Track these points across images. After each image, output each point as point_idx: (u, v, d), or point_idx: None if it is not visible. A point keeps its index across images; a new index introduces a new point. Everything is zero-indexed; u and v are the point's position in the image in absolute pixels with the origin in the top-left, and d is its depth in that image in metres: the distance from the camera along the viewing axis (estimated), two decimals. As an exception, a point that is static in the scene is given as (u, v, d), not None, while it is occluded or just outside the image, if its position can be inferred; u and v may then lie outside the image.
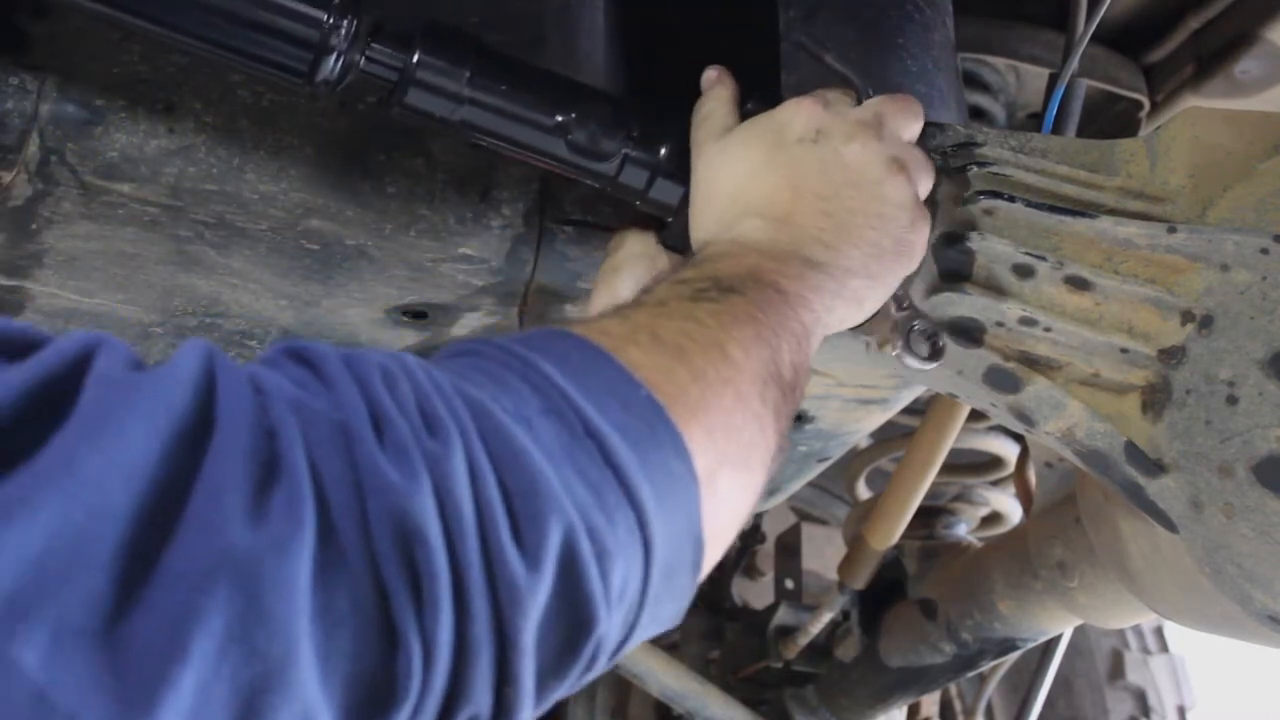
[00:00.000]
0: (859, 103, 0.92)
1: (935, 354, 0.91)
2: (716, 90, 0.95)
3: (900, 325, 0.91)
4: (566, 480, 0.53)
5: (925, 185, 0.90)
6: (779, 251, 0.80)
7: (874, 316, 0.94)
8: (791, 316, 0.75)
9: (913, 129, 0.91)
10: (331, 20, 0.84)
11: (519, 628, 0.50)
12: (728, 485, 0.64)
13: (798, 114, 0.88)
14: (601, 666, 0.56)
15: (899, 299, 0.92)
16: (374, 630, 0.46)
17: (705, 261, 0.79)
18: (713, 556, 0.65)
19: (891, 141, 0.88)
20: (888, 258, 0.85)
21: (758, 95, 0.95)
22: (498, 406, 0.54)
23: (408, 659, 0.46)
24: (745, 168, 0.87)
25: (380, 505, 0.47)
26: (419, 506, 0.48)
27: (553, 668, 0.53)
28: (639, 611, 0.57)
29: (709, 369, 0.66)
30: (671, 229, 0.96)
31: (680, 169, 0.94)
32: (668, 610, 0.61)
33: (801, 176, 0.85)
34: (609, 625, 0.54)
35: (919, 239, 0.87)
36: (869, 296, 0.85)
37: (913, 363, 0.90)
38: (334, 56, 0.85)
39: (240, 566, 0.43)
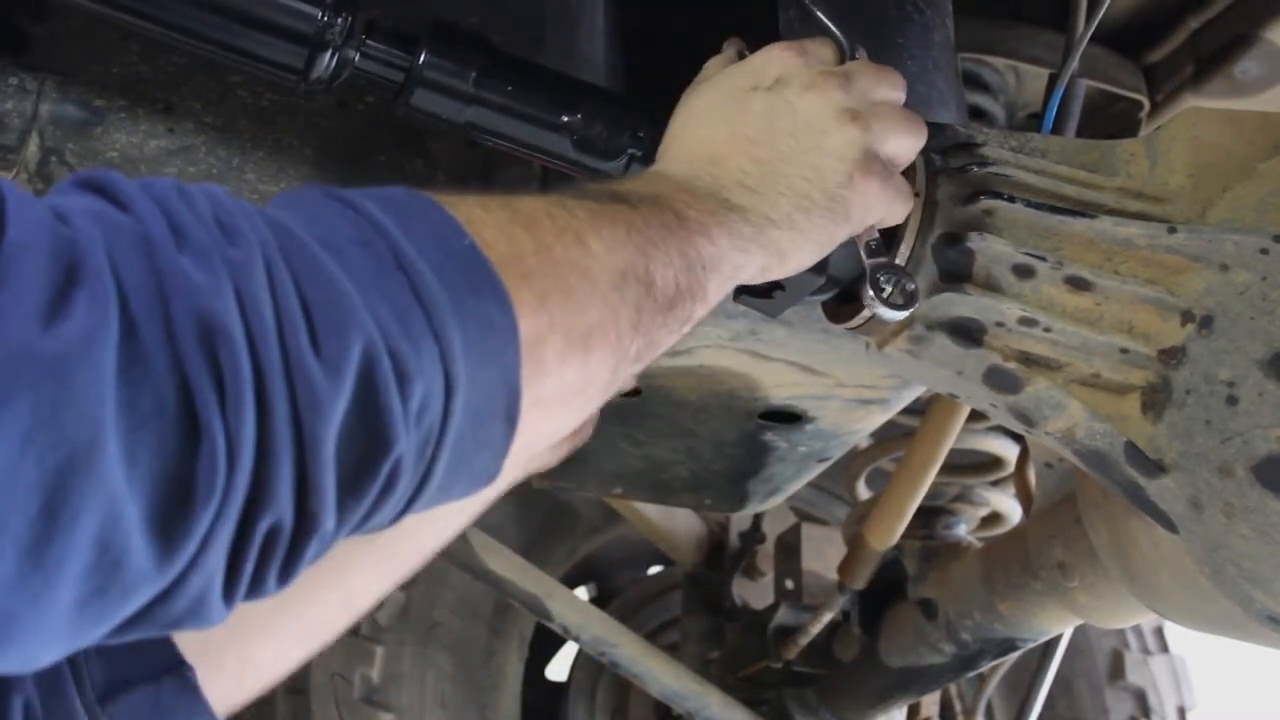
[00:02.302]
0: (841, 61, 0.91)
1: (908, 301, 0.89)
2: (725, 50, 0.96)
3: (870, 272, 0.89)
4: (371, 302, 0.53)
5: (895, 147, 0.87)
6: (695, 188, 0.78)
7: (870, 319, 0.94)
8: (684, 239, 0.74)
9: (886, 94, 0.89)
10: (326, 17, 0.84)
11: (318, 433, 0.50)
12: (558, 354, 0.64)
13: (767, 61, 0.87)
14: (400, 494, 0.56)
15: (871, 246, 0.89)
16: (178, 426, 0.47)
17: (614, 181, 0.78)
18: (541, 427, 0.65)
19: (856, 97, 0.86)
20: (817, 212, 0.82)
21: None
22: (302, 230, 0.55)
23: (212, 455, 0.47)
24: (698, 109, 0.86)
25: (183, 304, 0.48)
26: (221, 305, 0.49)
27: (351, 483, 0.53)
28: (439, 444, 0.56)
29: (557, 245, 0.65)
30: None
31: None
32: (478, 463, 0.60)
33: (742, 120, 0.83)
34: (407, 445, 0.54)
35: (858, 197, 0.84)
36: (792, 250, 0.82)
37: (883, 311, 0.88)
38: (329, 53, 0.85)
39: (45, 359, 0.43)
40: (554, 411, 0.66)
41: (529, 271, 0.63)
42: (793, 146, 0.82)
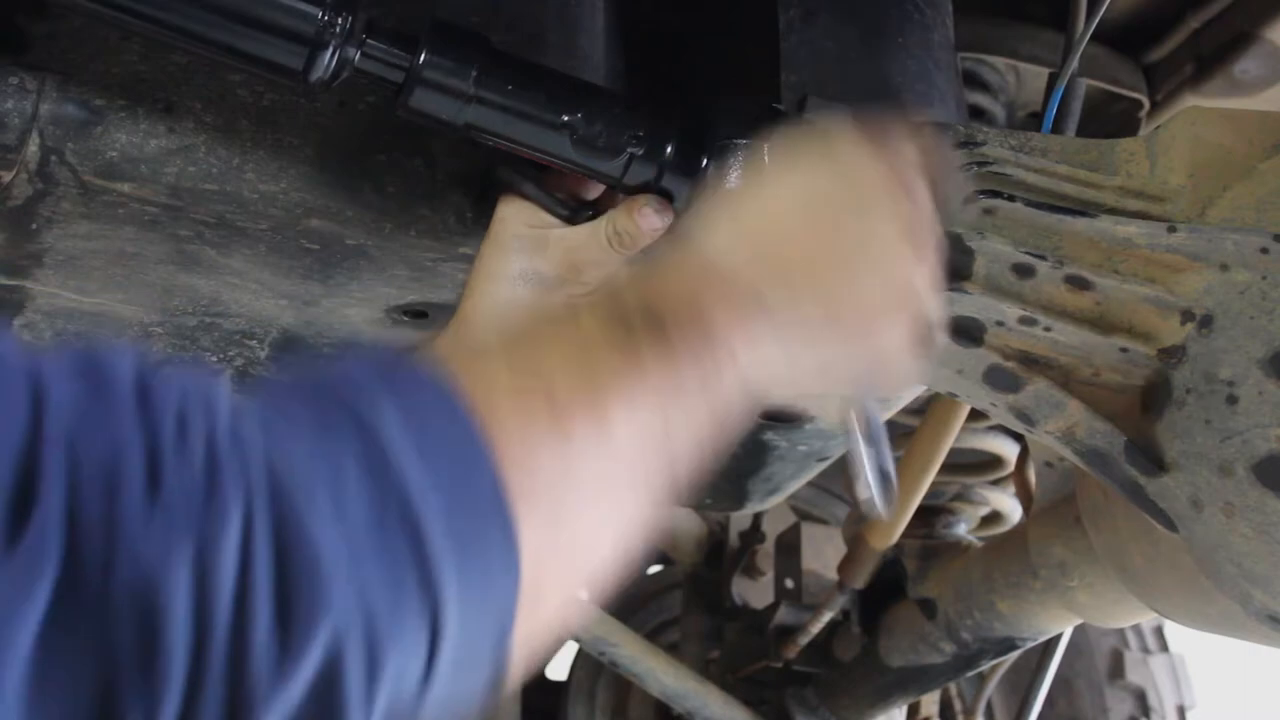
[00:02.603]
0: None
1: (891, 502, 0.86)
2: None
3: (869, 465, 0.85)
4: (359, 567, 0.48)
5: (936, 314, 0.79)
6: (730, 278, 0.70)
7: None
8: (712, 374, 0.67)
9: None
10: (326, 17, 0.85)
11: None
12: (557, 582, 0.59)
13: (865, 174, 0.77)
14: None
15: (868, 429, 0.84)
16: (91, 705, 0.42)
17: (653, 273, 0.71)
18: (526, 655, 0.59)
19: (919, 208, 0.78)
20: (846, 336, 0.74)
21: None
22: (304, 468, 0.49)
23: None
24: (785, 198, 0.77)
25: (128, 570, 0.43)
26: (170, 581, 0.43)
27: None
28: (412, 707, 0.52)
29: (578, 440, 0.59)
30: (675, 227, 0.96)
31: (686, 167, 0.94)
32: (456, 704, 0.56)
33: (808, 211, 0.75)
34: None
35: (891, 338, 0.76)
36: (802, 370, 0.74)
37: (873, 509, 0.86)
38: (329, 53, 0.85)
39: None
40: (546, 637, 0.61)
41: (543, 492, 0.57)
42: (849, 255, 0.75)
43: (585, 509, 0.60)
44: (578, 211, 0.98)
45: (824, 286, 0.73)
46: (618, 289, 0.69)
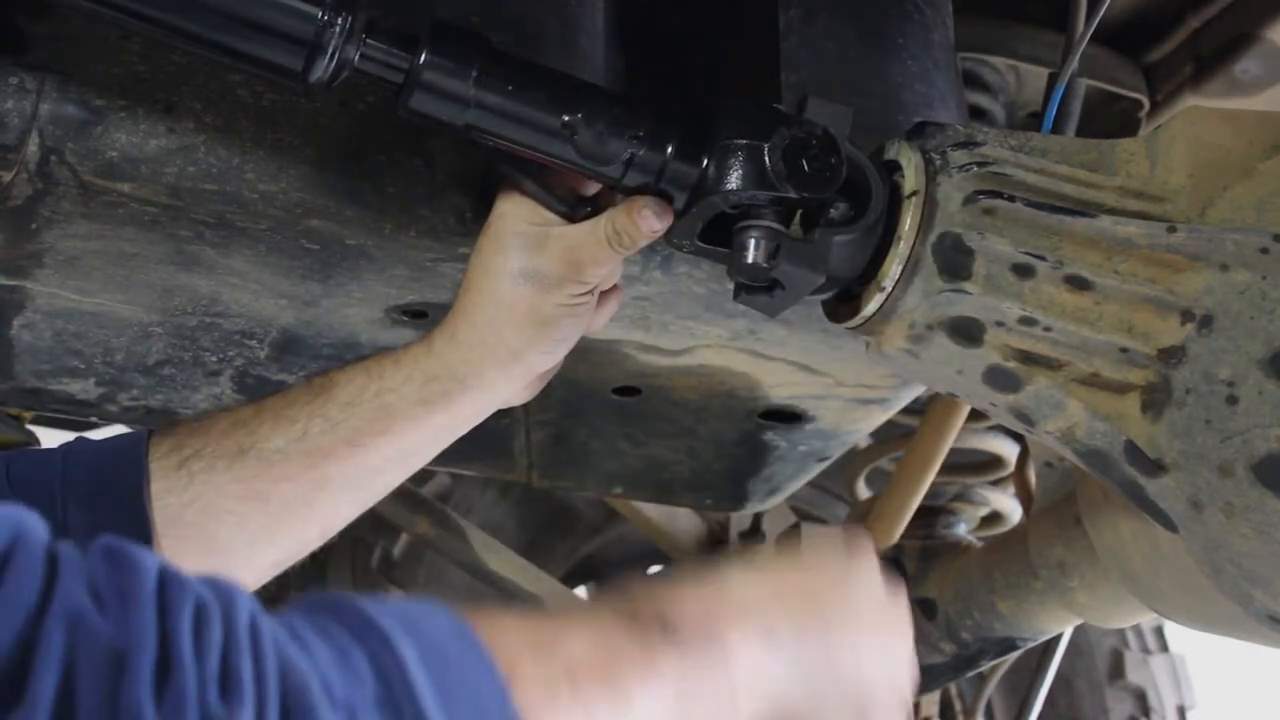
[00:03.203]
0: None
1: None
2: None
3: None
4: None
5: None
6: (746, 608, 0.74)
7: (871, 319, 0.94)
8: (721, 690, 0.69)
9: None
10: (326, 17, 0.85)
11: None
12: None
13: (863, 587, 0.83)
14: None
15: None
16: None
17: (673, 589, 0.73)
18: None
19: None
20: (845, 705, 0.77)
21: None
22: (319, 687, 0.48)
23: None
24: (794, 582, 0.81)
25: None
26: None
27: None
28: None
29: None
30: (678, 227, 0.96)
31: (686, 168, 0.93)
32: None
33: (818, 573, 0.81)
34: None
35: None
36: (797, 714, 0.76)
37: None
38: (328, 53, 0.85)
39: None
40: None
41: None
42: (858, 621, 0.80)
43: None
44: (577, 208, 0.98)
45: (835, 647, 0.77)
46: (634, 596, 0.71)
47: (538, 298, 0.96)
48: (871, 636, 0.81)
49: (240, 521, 0.95)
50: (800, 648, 0.76)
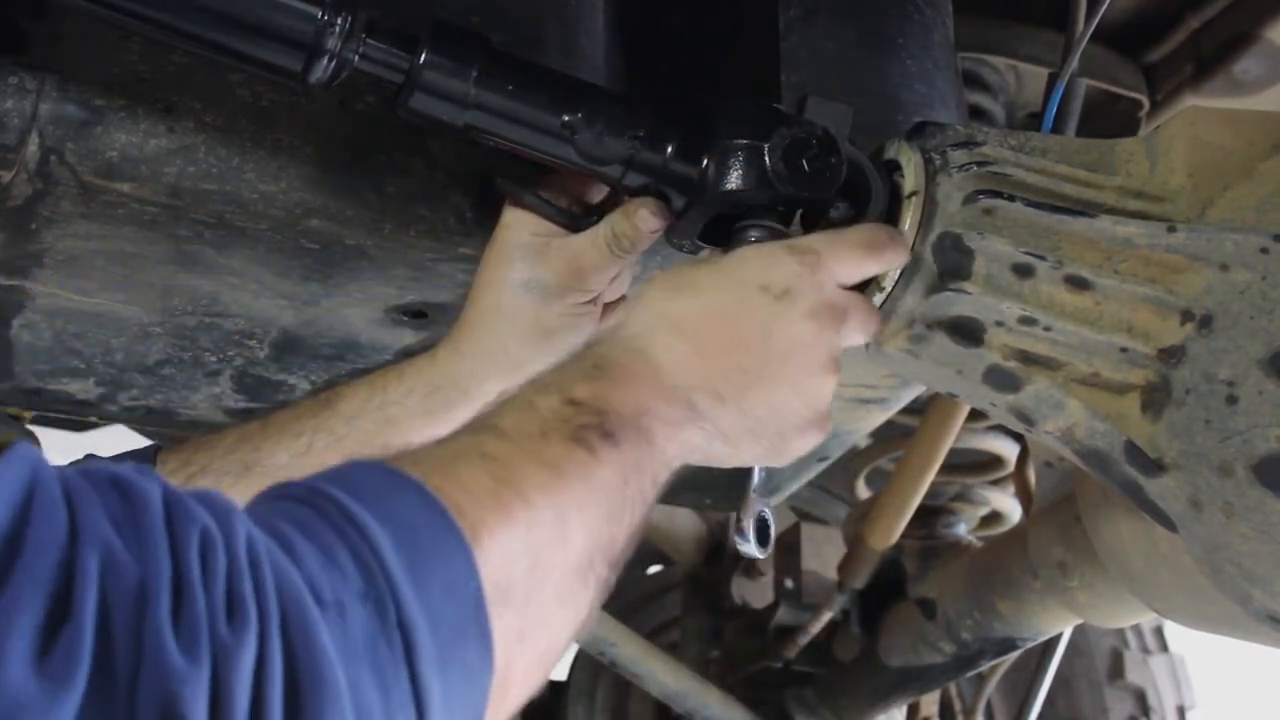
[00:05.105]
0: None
1: (765, 543, 0.96)
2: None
3: (749, 508, 0.96)
4: (357, 682, 0.52)
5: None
6: (671, 385, 0.79)
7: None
8: (648, 480, 0.76)
9: (856, 339, 0.90)
10: (325, 17, 0.85)
11: None
12: (522, 678, 0.65)
13: (776, 265, 0.85)
14: None
15: (756, 486, 0.97)
16: None
17: (604, 375, 0.77)
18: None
19: (843, 338, 0.87)
20: (763, 443, 0.84)
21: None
22: (313, 592, 0.53)
23: None
24: (706, 288, 0.85)
25: (153, 681, 0.46)
26: (190, 694, 0.47)
27: None
28: None
29: (545, 551, 0.66)
30: (678, 228, 0.96)
31: (686, 168, 0.94)
32: None
33: (744, 324, 0.83)
34: None
35: (800, 447, 0.86)
36: (720, 460, 0.84)
37: (747, 548, 0.95)
38: (328, 53, 0.85)
39: (10, 703, 0.43)
40: (512, 710, 0.67)
41: (515, 598, 0.63)
42: (776, 372, 0.83)
43: (547, 600, 0.66)
44: (579, 218, 0.98)
45: (750, 404, 0.82)
46: (574, 398, 0.74)
47: (541, 308, 0.97)
48: (792, 379, 0.83)
49: None
50: (720, 415, 0.81)
